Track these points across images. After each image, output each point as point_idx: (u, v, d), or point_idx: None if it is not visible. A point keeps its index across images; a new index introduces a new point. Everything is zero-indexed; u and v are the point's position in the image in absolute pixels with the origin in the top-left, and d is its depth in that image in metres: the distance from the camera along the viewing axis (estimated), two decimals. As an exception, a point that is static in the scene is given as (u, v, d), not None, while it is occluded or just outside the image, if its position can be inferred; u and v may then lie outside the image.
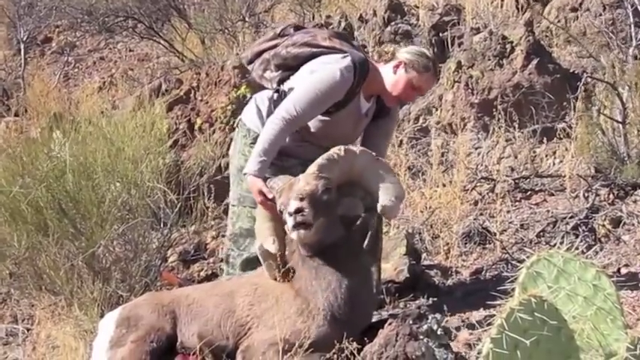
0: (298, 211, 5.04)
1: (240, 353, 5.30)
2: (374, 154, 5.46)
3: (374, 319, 5.46)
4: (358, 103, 6.01)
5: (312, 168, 5.27)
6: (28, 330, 6.96)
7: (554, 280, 3.81)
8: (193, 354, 5.38)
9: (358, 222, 5.43)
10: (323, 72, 5.87)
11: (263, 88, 6.28)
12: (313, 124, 5.96)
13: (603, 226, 6.86)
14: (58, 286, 6.57)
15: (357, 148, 5.49)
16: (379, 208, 5.38)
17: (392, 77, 5.93)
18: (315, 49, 6.05)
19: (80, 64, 16.84)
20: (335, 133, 5.91)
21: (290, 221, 5.09)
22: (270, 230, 5.50)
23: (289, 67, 6.05)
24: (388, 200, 5.36)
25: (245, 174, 5.68)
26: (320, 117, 5.90)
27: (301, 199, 5.09)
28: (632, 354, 3.42)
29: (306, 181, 5.22)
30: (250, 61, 6.34)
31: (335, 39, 6.16)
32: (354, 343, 4.92)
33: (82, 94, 14.39)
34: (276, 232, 5.48)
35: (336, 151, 5.31)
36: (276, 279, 5.40)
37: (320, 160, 5.28)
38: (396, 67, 5.91)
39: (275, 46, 6.19)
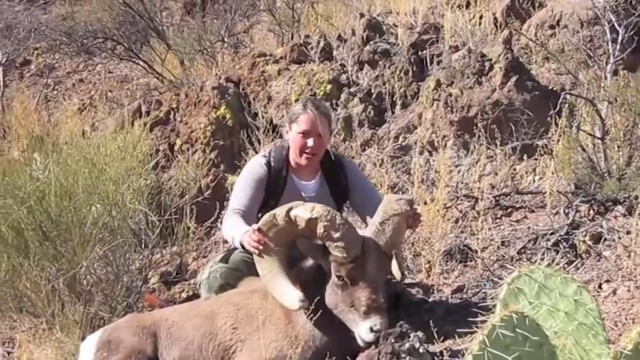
0: (385, 337, 4.90)
1: (223, 377, 5.28)
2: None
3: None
4: (295, 186, 6.14)
5: (381, 241, 5.19)
6: (9, 353, 6.92)
7: (535, 295, 3.82)
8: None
9: None
10: None
11: None
12: None
13: (584, 242, 6.85)
14: (39, 308, 6.54)
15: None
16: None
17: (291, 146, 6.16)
18: None
19: (59, 86, 16.84)
20: None
21: (370, 337, 4.93)
22: (286, 282, 5.25)
23: None
24: None
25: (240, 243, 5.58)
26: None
27: (382, 313, 5.01)
28: (615, 369, 3.42)
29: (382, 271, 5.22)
30: None
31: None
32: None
33: (62, 115, 14.38)
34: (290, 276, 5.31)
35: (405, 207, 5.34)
36: None
37: (392, 234, 5.24)
38: (286, 134, 6.25)
39: None
